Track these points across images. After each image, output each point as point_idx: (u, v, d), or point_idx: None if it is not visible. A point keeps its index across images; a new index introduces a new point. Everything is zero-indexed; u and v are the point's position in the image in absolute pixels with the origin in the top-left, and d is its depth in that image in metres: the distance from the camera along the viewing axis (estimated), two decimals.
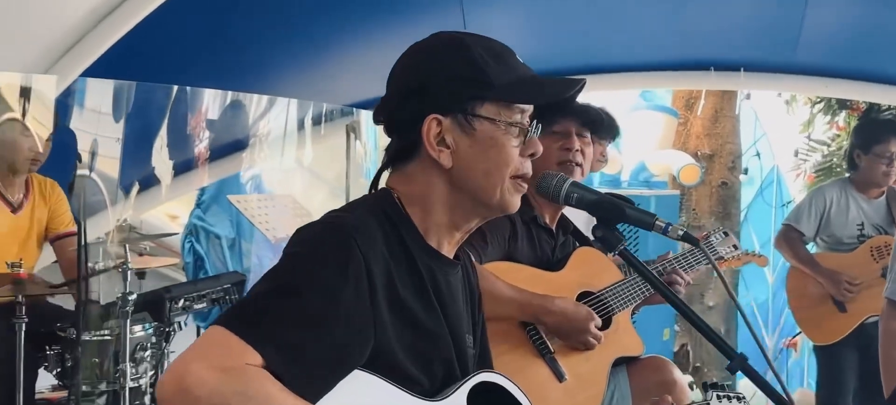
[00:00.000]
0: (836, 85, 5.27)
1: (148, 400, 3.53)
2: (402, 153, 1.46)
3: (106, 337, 3.49)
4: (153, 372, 3.56)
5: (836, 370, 4.02)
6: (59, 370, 3.48)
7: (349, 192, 4.72)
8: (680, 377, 2.65)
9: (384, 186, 1.48)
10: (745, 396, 1.76)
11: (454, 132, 1.42)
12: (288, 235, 1.38)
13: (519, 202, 1.48)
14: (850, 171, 4.16)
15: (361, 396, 1.31)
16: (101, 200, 4.37)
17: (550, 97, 1.48)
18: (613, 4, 4.79)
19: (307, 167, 5.79)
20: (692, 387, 2.62)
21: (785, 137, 6.94)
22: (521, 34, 4.75)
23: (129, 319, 3.39)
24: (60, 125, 3.78)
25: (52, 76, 3.77)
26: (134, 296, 3.44)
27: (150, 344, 3.56)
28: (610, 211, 1.59)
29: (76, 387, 3.37)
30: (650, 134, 6.11)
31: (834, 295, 3.97)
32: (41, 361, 3.48)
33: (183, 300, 3.76)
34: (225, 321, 1.24)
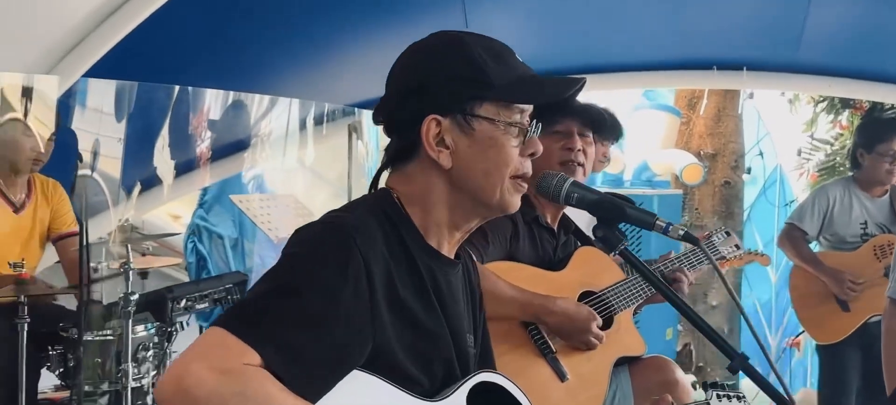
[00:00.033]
0: (839, 84, 5.25)
1: (150, 400, 3.53)
2: (401, 153, 1.45)
3: (108, 337, 3.49)
4: (155, 372, 3.56)
5: (838, 369, 4.01)
6: (61, 370, 3.48)
7: (351, 191, 4.73)
8: (682, 377, 2.64)
9: (384, 186, 1.48)
10: (744, 395, 1.76)
11: (453, 132, 1.41)
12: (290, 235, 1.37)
13: (519, 202, 1.47)
14: (853, 169, 4.15)
15: (360, 396, 1.30)
16: (102, 200, 4.37)
17: (550, 97, 1.47)
18: (616, 4, 4.79)
19: (309, 167, 5.79)
20: (695, 387, 2.62)
21: (788, 136, 6.93)
22: (523, 33, 4.75)
23: (131, 319, 3.40)
24: (62, 125, 3.79)
25: (54, 76, 3.77)
26: (136, 297, 3.45)
27: (152, 344, 3.56)
28: (610, 210, 1.58)
29: (78, 388, 3.37)
30: (653, 133, 6.10)
31: (837, 294, 3.96)
32: (44, 361, 3.48)
33: (185, 300, 3.76)
34: (224, 322, 1.24)
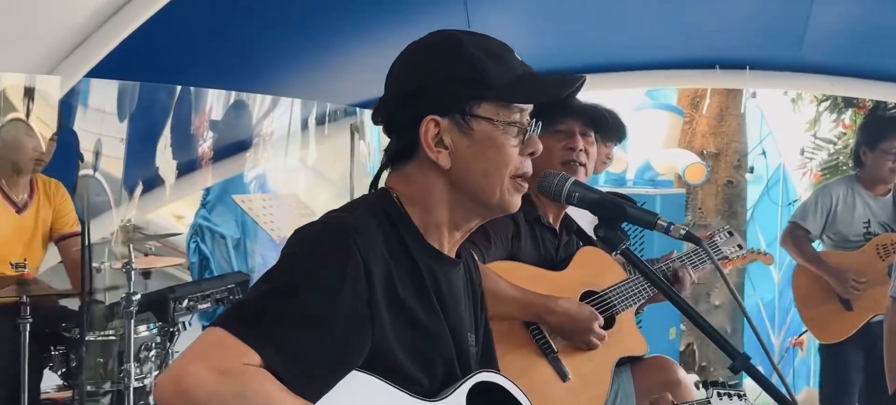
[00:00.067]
0: (842, 83, 5.23)
1: (152, 400, 3.53)
2: (401, 153, 1.45)
3: (110, 337, 3.50)
4: (157, 372, 3.57)
5: (841, 369, 4.00)
6: (63, 370, 3.49)
7: (353, 191, 4.72)
8: (684, 377, 2.64)
9: (384, 186, 1.47)
10: (745, 394, 1.75)
11: (452, 133, 1.40)
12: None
13: (519, 202, 1.47)
14: (856, 168, 4.14)
15: (360, 396, 1.30)
16: (105, 200, 4.38)
17: (549, 96, 1.46)
18: (618, 3, 4.77)
19: (311, 167, 5.80)
20: (698, 387, 2.61)
21: (791, 135, 6.91)
22: (526, 33, 4.74)
23: (133, 319, 3.40)
24: (64, 125, 3.80)
25: (56, 77, 3.78)
26: (138, 297, 3.45)
27: (154, 344, 3.57)
28: (611, 210, 1.58)
29: (81, 387, 3.37)
30: (655, 133, 6.09)
31: (840, 293, 3.95)
32: (46, 361, 3.48)
33: (187, 300, 3.77)
34: (223, 322, 1.24)
